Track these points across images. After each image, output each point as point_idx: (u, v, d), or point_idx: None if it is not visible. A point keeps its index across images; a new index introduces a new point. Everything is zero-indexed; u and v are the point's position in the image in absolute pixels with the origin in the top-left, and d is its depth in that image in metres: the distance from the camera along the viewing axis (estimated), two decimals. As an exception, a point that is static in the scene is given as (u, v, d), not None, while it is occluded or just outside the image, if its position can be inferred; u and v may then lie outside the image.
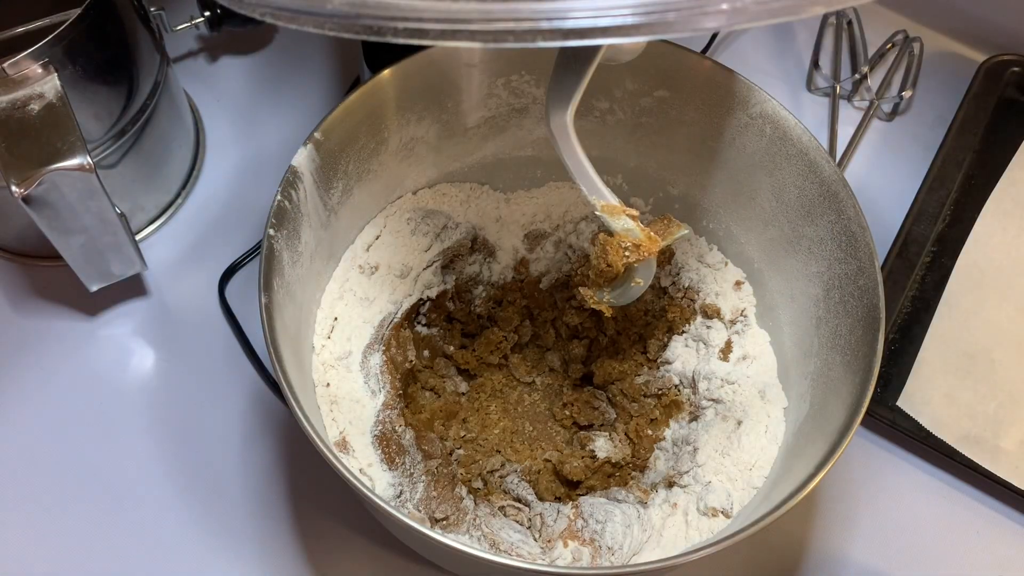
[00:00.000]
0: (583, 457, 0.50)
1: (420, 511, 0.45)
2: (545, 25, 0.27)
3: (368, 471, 0.45)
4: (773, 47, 0.74)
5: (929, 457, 0.56)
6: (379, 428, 0.47)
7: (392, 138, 0.50)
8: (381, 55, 0.56)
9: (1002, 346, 0.58)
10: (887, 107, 0.70)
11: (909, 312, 0.60)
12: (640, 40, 0.28)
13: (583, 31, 0.27)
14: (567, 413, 0.53)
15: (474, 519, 0.45)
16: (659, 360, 0.53)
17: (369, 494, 0.36)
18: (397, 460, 0.46)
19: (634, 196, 0.56)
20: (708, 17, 0.26)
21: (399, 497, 0.45)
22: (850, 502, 0.55)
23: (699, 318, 0.53)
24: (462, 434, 0.52)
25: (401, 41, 0.28)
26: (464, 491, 0.46)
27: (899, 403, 0.56)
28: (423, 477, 0.46)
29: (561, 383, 0.55)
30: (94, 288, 0.54)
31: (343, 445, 0.45)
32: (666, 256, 0.55)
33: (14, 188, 0.45)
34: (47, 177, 0.45)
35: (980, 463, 0.54)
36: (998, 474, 0.54)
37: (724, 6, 0.26)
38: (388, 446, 0.46)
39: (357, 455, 0.45)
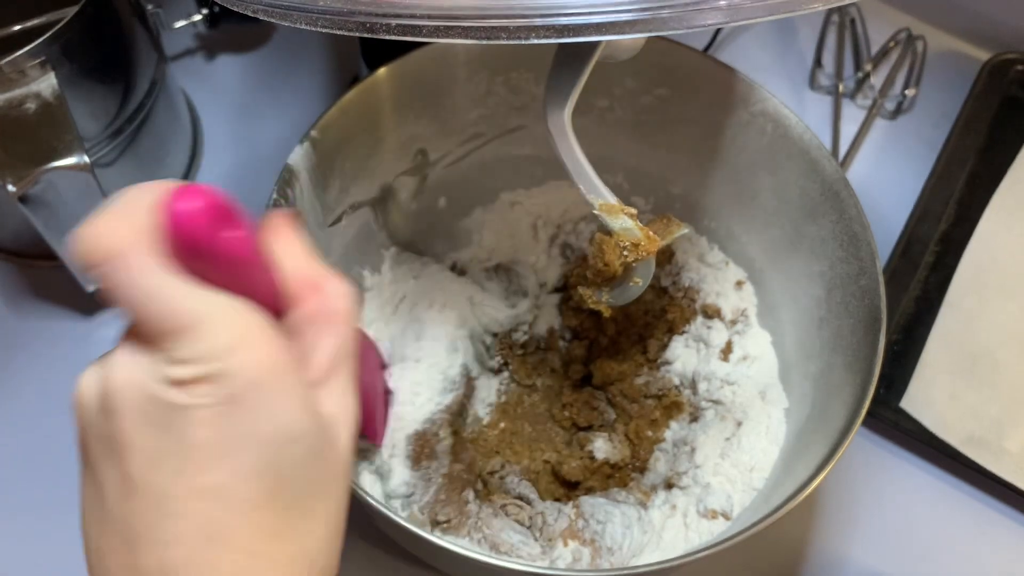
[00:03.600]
0: (582, 458, 0.50)
1: (424, 514, 0.44)
2: (539, 22, 0.26)
3: (389, 461, 0.45)
4: (776, 45, 0.73)
5: (932, 459, 0.56)
6: (424, 427, 0.46)
7: (389, 136, 0.49)
8: (380, 53, 0.56)
9: (1007, 346, 0.57)
10: (890, 106, 0.69)
11: (913, 313, 0.59)
12: (635, 37, 0.28)
13: (578, 27, 0.26)
14: (566, 414, 0.53)
15: (475, 521, 0.45)
16: (659, 361, 0.53)
17: (363, 494, 0.36)
18: (423, 463, 0.45)
19: (634, 195, 0.56)
20: (704, 14, 0.26)
21: (409, 497, 0.45)
22: (852, 504, 0.54)
23: (699, 318, 0.52)
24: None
25: (394, 38, 0.28)
26: (471, 495, 0.46)
27: (902, 404, 0.55)
28: (439, 480, 0.45)
29: (561, 384, 0.55)
30: (91, 288, 0.54)
31: None
32: (666, 256, 0.54)
33: (10, 187, 0.44)
34: (43, 176, 0.45)
35: (984, 465, 0.53)
36: (1002, 476, 0.53)
37: (721, 2, 0.26)
38: (422, 447, 0.46)
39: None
